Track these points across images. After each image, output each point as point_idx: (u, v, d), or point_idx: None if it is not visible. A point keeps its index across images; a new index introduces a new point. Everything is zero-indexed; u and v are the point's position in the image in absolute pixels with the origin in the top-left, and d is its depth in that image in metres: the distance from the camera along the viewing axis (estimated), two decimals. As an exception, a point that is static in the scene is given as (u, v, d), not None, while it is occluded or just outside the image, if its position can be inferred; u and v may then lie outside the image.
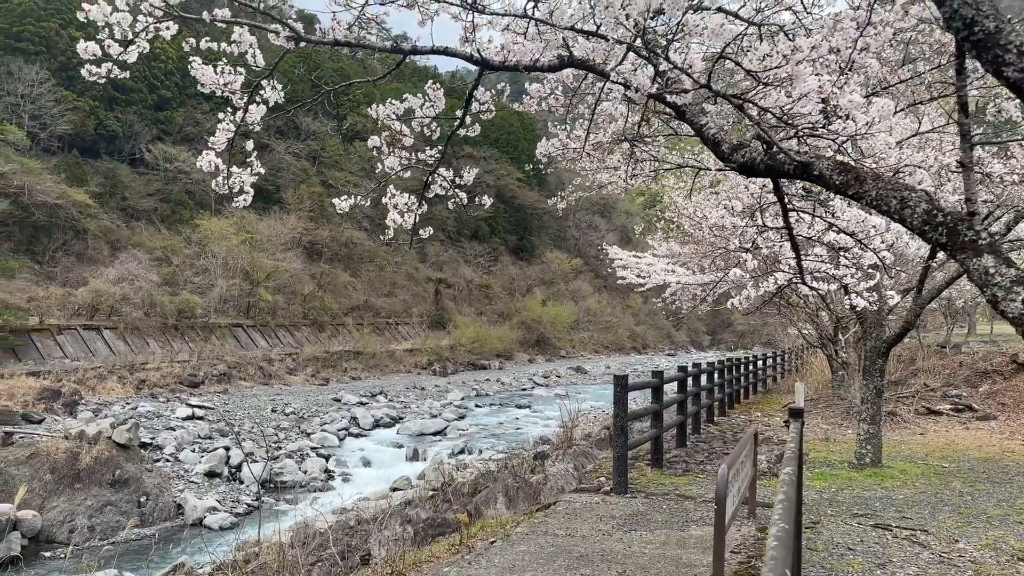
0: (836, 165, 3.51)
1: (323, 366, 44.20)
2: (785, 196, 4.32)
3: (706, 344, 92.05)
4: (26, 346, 32.29)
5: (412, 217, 5.19)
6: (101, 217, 45.76)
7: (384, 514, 10.72)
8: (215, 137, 4.57)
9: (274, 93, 4.49)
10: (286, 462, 21.48)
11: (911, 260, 11.63)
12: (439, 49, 4.08)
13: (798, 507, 5.28)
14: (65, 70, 48.22)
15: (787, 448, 4.41)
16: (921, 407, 18.09)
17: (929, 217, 3.46)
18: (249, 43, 4.00)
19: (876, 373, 11.29)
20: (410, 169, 5.07)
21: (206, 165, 4.61)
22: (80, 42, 3.85)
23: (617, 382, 9.10)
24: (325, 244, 56.92)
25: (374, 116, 4.66)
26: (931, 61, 8.96)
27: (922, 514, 8.58)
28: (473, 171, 5.36)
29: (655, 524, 7.62)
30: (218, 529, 16.30)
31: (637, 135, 5.30)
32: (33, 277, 38.97)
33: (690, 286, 15.37)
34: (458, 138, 4.91)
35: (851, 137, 3.79)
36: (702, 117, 3.80)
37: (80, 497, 16.29)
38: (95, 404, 28.39)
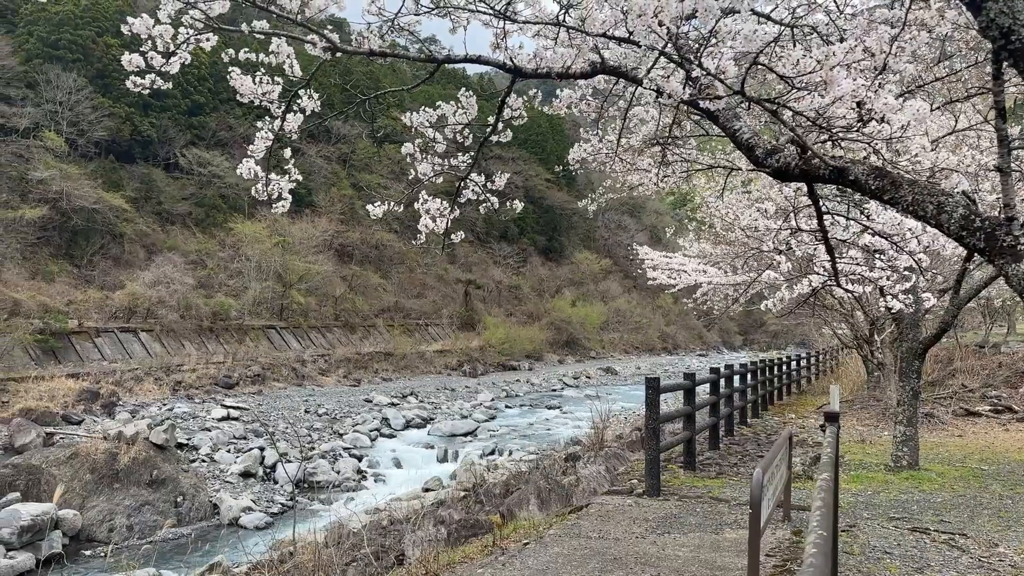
0: (872, 170, 3.49)
1: (355, 367, 44.49)
2: (819, 199, 4.30)
3: (738, 345, 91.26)
4: (65, 348, 32.88)
5: (444, 222, 5.25)
6: (137, 221, 46.42)
7: (417, 515, 10.79)
8: (254, 145, 4.66)
9: (311, 102, 4.57)
10: (319, 462, 21.68)
11: (948, 260, 11.46)
12: (472, 57, 4.13)
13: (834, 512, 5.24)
14: (102, 77, 49.02)
15: (823, 453, 4.39)
16: (959, 408, 17.80)
17: (967, 222, 3.42)
18: (286, 54, 4.08)
19: (912, 374, 11.14)
20: (442, 175, 5.12)
21: (246, 172, 4.69)
22: (124, 54, 3.95)
23: (649, 384, 9.09)
24: (356, 246, 57.31)
25: (408, 123, 4.71)
26: (967, 58, 8.83)
27: (961, 518, 8.46)
28: (505, 176, 5.40)
29: (689, 527, 7.60)
30: (253, 529, 16.53)
31: (668, 138, 5.31)
32: (72, 281, 39.63)
33: (722, 286, 15.26)
34: (489, 142, 4.95)
35: (886, 140, 3.76)
36: (736, 122, 3.80)
37: (119, 497, 16.58)
38: (132, 405, 28.87)
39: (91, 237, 42.93)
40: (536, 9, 4.05)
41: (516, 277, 74.61)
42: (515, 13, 4.13)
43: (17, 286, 34.62)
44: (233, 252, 47.07)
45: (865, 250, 5.52)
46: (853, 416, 18.19)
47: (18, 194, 40.24)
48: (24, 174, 40.62)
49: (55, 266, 39.92)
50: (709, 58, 3.54)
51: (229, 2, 3.83)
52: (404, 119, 4.73)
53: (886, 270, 6.16)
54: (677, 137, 5.63)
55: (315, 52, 3.89)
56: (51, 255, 40.76)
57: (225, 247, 48.02)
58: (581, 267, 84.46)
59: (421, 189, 5.11)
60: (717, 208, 10.99)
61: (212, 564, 13.28)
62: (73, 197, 41.20)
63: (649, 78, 3.63)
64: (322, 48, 3.83)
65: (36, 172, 40.65)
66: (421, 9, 4.15)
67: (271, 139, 4.60)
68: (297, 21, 3.79)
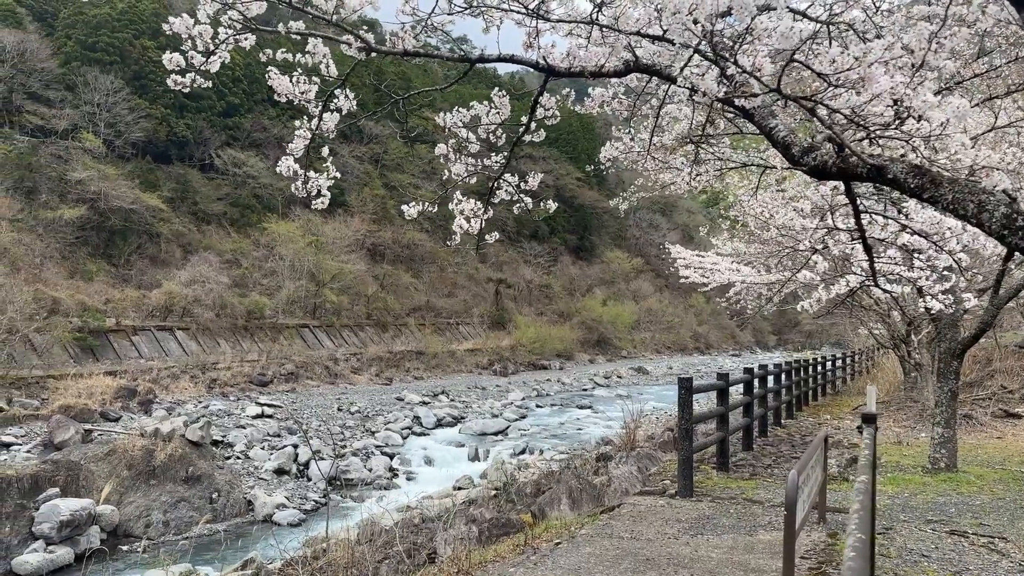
0: (911, 168, 3.42)
1: (386, 366, 44.73)
2: (857, 198, 4.24)
3: (772, 345, 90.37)
4: (103, 346, 33.44)
5: (478, 222, 5.25)
6: (173, 221, 47.07)
7: (449, 513, 10.83)
8: (293, 144, 4.71)
9: (347, 102, 4.61)
10: (352, 460, 21.78)
11: (988, 259, 11.23)
12: (505, 57, 4.13)
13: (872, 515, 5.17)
14: (138, 79, 49.79)
15: (861, 455, 4.33)
16: (998, 410, 17.48)
17: (1008, 221, 3.32)
18: (323, 54, 4.12)
19: (951, 375, 10.95)
20: (476, 175, 5.13)
21: (285, 170, 4.74)
22: (166, 53, 4.02)
23: (682, 384, 9.03)
24: (388, 246, 57.61)
25: (441, 123, 4.73)
26: (1007, 54, 8.67)
27: (1000, 521, 8.29)
28: (538, 176, 5.40)
29: (722, 528, 7.54)
30: (286, 525, 16.61)
31: (702, 136, 5.26)
32: (109, 280, 40.24)
33: (755, 286, 15.10)
34: (522, 142, 4.95)
35: (925, 138, 3.69)
36: (771, 119, 3.75)
37: (155, 493, 16.78)
38: (169, 403, 29.22)
39: (128, 237, 43.58)
40: (569, 8, 4.03)
41: (547, 276, 74.53)
42: (548, 12, 4.12)
43: (56, 285, 35.26)
44: (267, 251, 47.54)
45: (904, 249, 5.42)
46: (890, 417, 17.93)
47: (57, 194, 41.01)
48: (63, 175, 41.38)
49: (93, 265, 40.59)
50: (744, 56, 3.50)
51: (266, 3, 3.87)
52: (438, 119, 4.75)
53: (925, 270, 6.04)
54: (711, 135, 5.58)
55: (350, 52, 3.92)
56: (89, 254, 41.46)
57: (259, 247, 48.53)
58: (612, 266, 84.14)
59: (455, 190, 5.12)
60: (751, 206, 10.88)
61: (246, 560, 13.40)
62: (111, 197, 41.91)
63: (684, 76, 3.60)
64: (357, 48, 3.86)
65: (75, 173, 41.39)
66: (454, 9, 4.16)
67: (309, 138, 4.64)
68: (332, 21, 3.82)
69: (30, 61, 44.93)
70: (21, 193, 39.52)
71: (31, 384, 27.69)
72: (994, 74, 8.71)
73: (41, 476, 16.25)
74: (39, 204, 39.77)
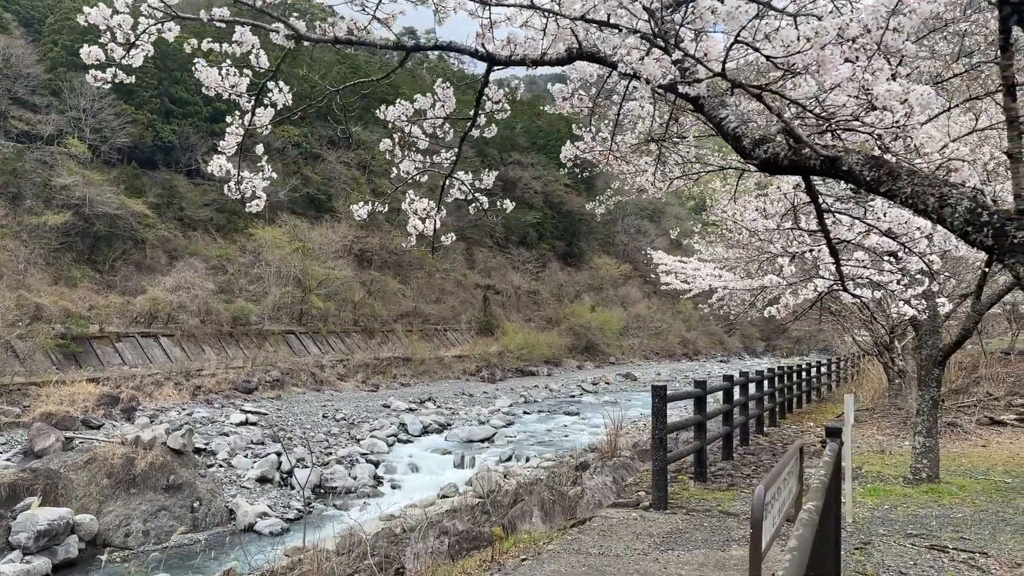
0: (867, 160, 3.17)
1: (373, 372, 44.47)
2: (819, 196, 4.01)
3: (760, 350, 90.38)
4: (87, 353, 33.08)
5: (432, 223, 5.01)
6: (159, 227, 46.75)
7: (421, 525, 10.58)
8: (224, 141, 4.47)
9: (281, 96, 4.37)
10: (336, 468, 21.64)
11: (970, 264, 11.04)
12: (443, 45, 3.90)
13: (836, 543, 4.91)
14: (124, 84, 49.27)
15: (816, 476, 4.02)
16: (983, 417, 17.34)
17: (972, 216, 3.07)
18: (251, 43, 3.89)
19: (932, 383, 10.74)
20: (427, 173, 4.90)
21: (217, 170, 4.50)
22: (83, 47, 3.78)
23: (655, 393, 8.78)
24: (375, 251, 57.36)
25: (382, 117, 4.49)
26: (987, 54, 8.49)
27: (981, 535, 8.05)
28: (493, 174, 5.16)
29: (694, 543, 7.29)
30: (269, 534, 16.40)
31: (665, 135, 5.03)
32: (94, 286, 39.93)
33: (738, 291, 14.92)
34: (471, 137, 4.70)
35: (888, 129, 3.45)
36: (721, 110, 3.52)
37: (135, 502, 16.57)
38: (152, 410, 28.89)
39: (113, 243, 43.23)
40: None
41: (535, 282, 74.45)
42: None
43: (40, 291, 34.89)
44: (253, 257, 47.33)
45: (873, 252, 5.19)
46: (873, 425, 17.77)
47: (42, 200, 40.66)
48: (48, 180, 41.07)
49: (78, 271, 40.24)
50: (695, 43, 3.27)
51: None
52: (379, 113, 4.52)
53: (895, 273, 5.81)
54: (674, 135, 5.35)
55: (279, 41, 3.69)
56: (74, 260, 41.11)
57: (246, 252, 48.32)
58: (600, 272, 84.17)
59: (405, 188, 4.88)
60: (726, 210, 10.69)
61: (225, 571, 13.17)
62: (96, 203, 41.56)
63: (624, 61, 3.37)
64: (285, 36, 3.63)
65: (60, 178, 41.05)
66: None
67: (241, 134, 4.40)
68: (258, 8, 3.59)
69: (16, 66, 44.63)
70: (5, 199, 39.21)
71: (12, 391, 27.32)
72: (975, 74, 8.52)
73: (19, 484, 16.05)
74: (23, 210, 39.41)
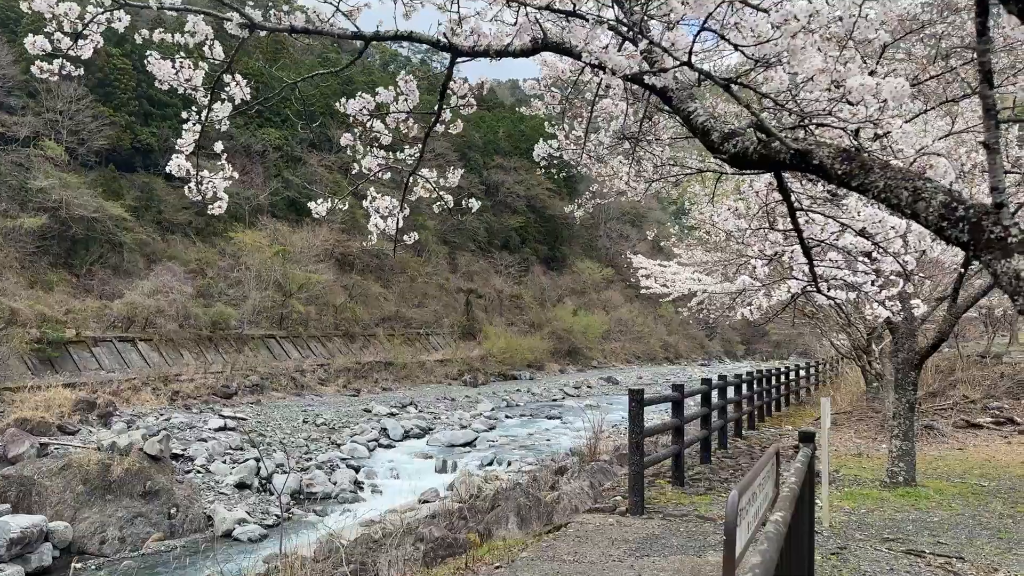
0: (838, 153, 3.07)
1: (354, 377, 44.23)
2: (792, 194, 3.92)
3: (740, 354, 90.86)
4: (63, 358, 32.64)
5: (395, 221, 4.88)
6: (137, 230, 46.34)
7: (397, 532, 10.43)
8: (182, 139, 4.31)
9: (239, 89, 4.23)
10: (316, 473, 21.50)
11: (947, 267, 11.02)
12: (403, 34, 3.78)
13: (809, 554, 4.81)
14: (103, 86, 48.97)
15: (787, 483, 3.88)
16: (960, 420, 17.42)
17: (947, 211, 2.95)
18: (204, 33, 3.75)
19: (909, 386, 10.71)
20: (389, 169, 4.77)
21: (175, 169, 4.34)
22: (28, 37, 3.63)
23: (632, 397, 8.69)
24: (357, 255, 57.10)
25: (341, 109, 4.36)
26: (963, 56, 8.45)
27: (958, 539, 8.03)
28: (458, 172, 5.05)
29: (670, 549, 7.19)
30: (247, 541, 16.24)
31: (639, 133, 4.93)
32: (70, 290, 39.49)
33: (717, 295, 14.89)
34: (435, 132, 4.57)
35: (863, 124, 3.34)
36: (690, 103, 3.42)
37: (111, 508, 16.42)
38: (129, 415, 28.57)
39: (90, 246, 42.79)
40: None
41: (517, 286, 74.44)
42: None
43: (15, 295, 34.40)
44: (233, 261, 47.00)
45: (846, 252, 5.11)
46: (851, 428, 17.79)
47: (17, 203, 40.16)
48: (24, 183, 40.58)
49: (54, 275, 39.77)
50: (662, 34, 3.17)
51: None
52: (339, 106, 4.39)
53: (870, 274, 5.73)
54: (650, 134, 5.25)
55: (233, 30, 3.56)
56: (50, 264, 40.64)
57: (225, 256, 47.99)
58: (583, 276, 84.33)
59: (367, 185, 4.75)
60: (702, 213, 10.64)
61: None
62: (72, 206, 41.07)
63: (588, 51, 3.26)
64: (239, 25, 3.50)
65: (36, 181, 40.59)
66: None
67: (199, 131, 4.25)
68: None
69: (-9, 67, 44.10)
70: (-20, 202, 38.68)
71: (-14, 397, 26.89)
72: (951, 77, 8.49)
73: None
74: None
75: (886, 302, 6.20)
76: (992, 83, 2.81)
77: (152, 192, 49.77)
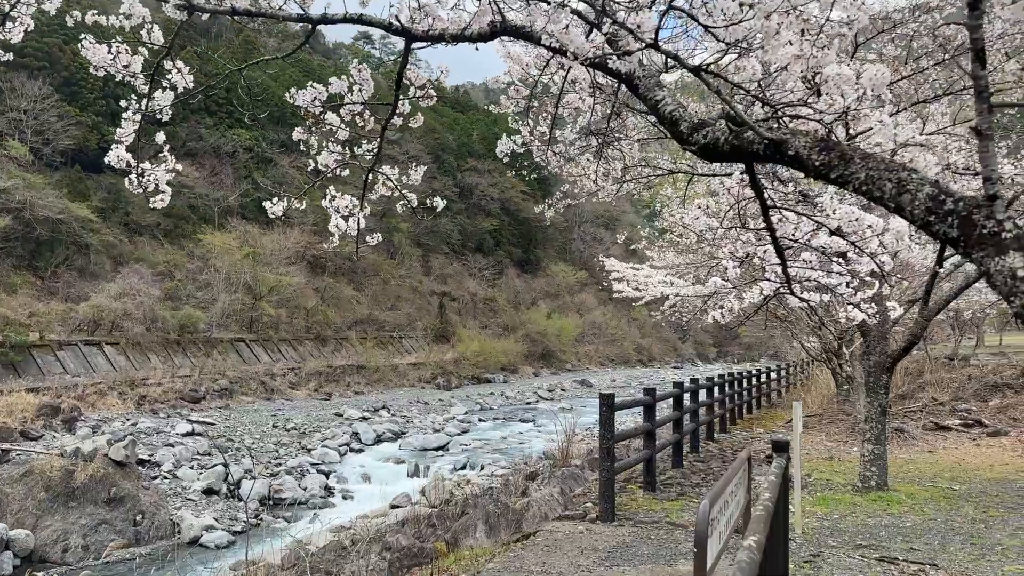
0: (815, 143, 2.88)
1: (326, 380, 43.80)
2: (764, 191, 3.74)
3: (712, 356, 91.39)
4: (26, 362, 32.00)
5: (356, 221, 4.65)
6: (103, 232, 45.66)
7: (363, 541, 10.19)
8: (121, 129, 4.06)
9: (181, 77, 3.99)
10: (285, 479, 21.21)
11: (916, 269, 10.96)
12: (352, 17, 3.57)
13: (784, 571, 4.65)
14: (69, 85, 48.14)
15: (761, 499, 3.67)
16: (929, 422, 17.49)
17: (935, 204, 2.73)
18: (141, 16, 3.52)
19: (880, 390, 10.63)
20: (347, 166, 4.55)
21: (115, 161, 4.09)
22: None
23: (603, 401, 8.51)
24: (329, 258, 56.60)
25: (290, 100, 4.13)
26: (934, 56, 8.38)
27: (931, 545, 7.94)
28: (421, 168, 4.84)
29: (641, 558, 7.02)
30: (214, 548, 15.94)
31: (607, 129, 4.75)
32: (34, 292, 38.83)
33: (689, 298, 14.80)
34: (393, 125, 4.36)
35: (839, 116, 3.16)
36: (657, 91, 3.24)
37: (74, 516, 16.09)
38: (95, 420, 28.13)
39: (55, 248, 42.09)
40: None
41: (491, 289, 74.29)
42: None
43: (-22, 298, 33.72)
44: (202, 264, 46.47)
45: (822, 252, 4.95)
46: (822, 431, 17.79)
47: (-20, 204, 39.32)
48: (-14, 184, 39.69)
49: (17, 278, 39.03)
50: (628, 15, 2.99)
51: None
52: (288, 97, 4.16)
53: (845, 276, 5.59)
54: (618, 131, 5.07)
55: (168, 11, 3.34)
56: (13, 266, 39.87)
57: (194, 258, 47.46)
58: (557, 279, 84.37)
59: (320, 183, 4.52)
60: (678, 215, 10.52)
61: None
62: (37, 207, 40.31)
63: (547, 32, 3.07)
64: (175, 6, 3.28)
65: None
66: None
67: (139, 120, 4.01)
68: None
69: (-49, 65, 43.17)
70: (-58, 203, 37.82)
71: (-54, 402, 26.25)
72: (922, 79, 8.41)
73: (-49, 500, 15.40)
74: (-40, 213, 38.06)
75: (861, 304, 6.07)
76: (984, 61, 2.59)
77: (119, 193, 48.94)
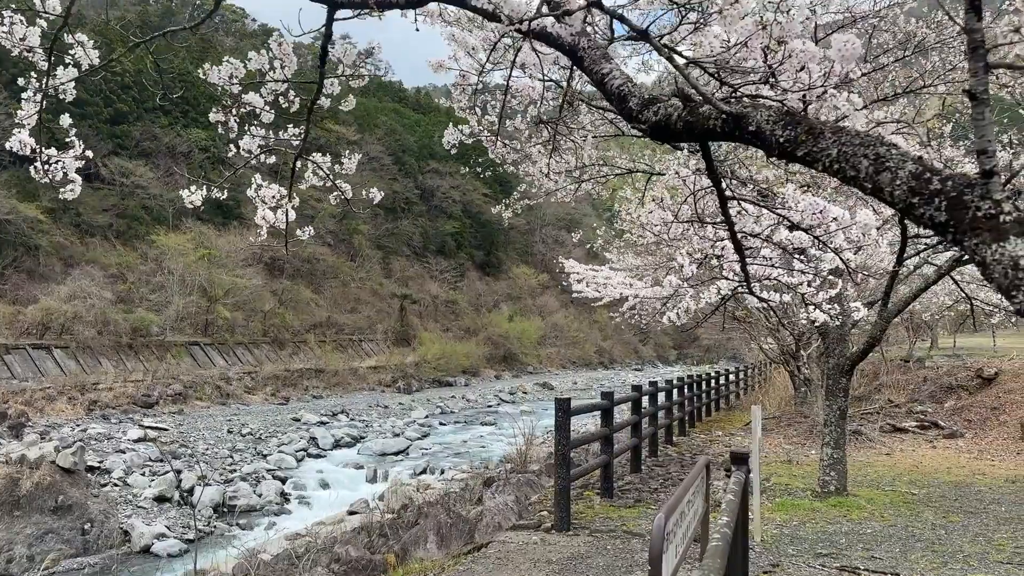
0: (780, 117, 2.50)
1: (283, 384, 43.11)
2: (722, 180, 3.48)
3: (672, 359, 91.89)
4: (-30, 367, 31.04)
5: (284, 213, 4.32)
6: (54, 233, 44.71)
7: (311, 553, 9.81)
8: (23, 111, 3.69)
9: (84, 52, 3.63)
10: (240, 485, 20.75)
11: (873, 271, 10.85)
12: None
13: None
14: (17, 82, 46.81)
15: (720, 521, 3.40)
16: (886, 424, 17.58)
17: (919, 183, 2.34)
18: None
19: (840, 393, 10.50)
20: (272, 152, 4.21)
21: (16, 146, 3.72)
22: None
23: (559, 406, 8.24)
24: (287, 260, 55.84)
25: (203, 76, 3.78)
26: (895, 53, 8.25)
27: (892, 552, 7.77)
28: (356, 156, 4.52)
29: (596, 570, 6.75)
30: (166, 556, 15.49)
31: (559, 117, 4.47)
32: (-20, 295, 37.73)
33: (648, 299, 14.64)
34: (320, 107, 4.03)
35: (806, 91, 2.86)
36: (604, 63, 2.93)
37: (19, 525, 15.52)
38: (43, 426, 27.55)
39: (3, 249, 41.25)
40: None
41: (453, 292, 73.96)
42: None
43: (-81, 301, 32.67)
44: (155, 265, 45.67)
45: (782, 249, 4.70)
46: (780, 433, 17.76)
47: (-77, 205, 38.16)
48: (-70, 184, 38.57)
49: (-38, 280, 37.90)
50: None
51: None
52: (201, 73, 3.81)
53: (807, 274, 5.36)
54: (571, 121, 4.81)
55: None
56: (-42, 268, 38.74)
57: (147, 260, 46.69)
58: (519, 282, 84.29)
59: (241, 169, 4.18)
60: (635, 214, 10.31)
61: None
62: (-17, 208, 39.21)
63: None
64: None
65: (-57, 182, 38.63)
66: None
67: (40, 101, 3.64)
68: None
69: None
70: None
71: None
72: (881, 76, 8.27)
73: None
74: (-99, 214, 36.89)
75: (823, 305, 5.85)
76: (980, 12, 2.25)
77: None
